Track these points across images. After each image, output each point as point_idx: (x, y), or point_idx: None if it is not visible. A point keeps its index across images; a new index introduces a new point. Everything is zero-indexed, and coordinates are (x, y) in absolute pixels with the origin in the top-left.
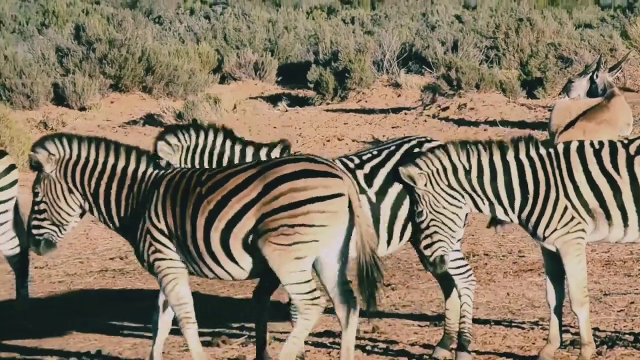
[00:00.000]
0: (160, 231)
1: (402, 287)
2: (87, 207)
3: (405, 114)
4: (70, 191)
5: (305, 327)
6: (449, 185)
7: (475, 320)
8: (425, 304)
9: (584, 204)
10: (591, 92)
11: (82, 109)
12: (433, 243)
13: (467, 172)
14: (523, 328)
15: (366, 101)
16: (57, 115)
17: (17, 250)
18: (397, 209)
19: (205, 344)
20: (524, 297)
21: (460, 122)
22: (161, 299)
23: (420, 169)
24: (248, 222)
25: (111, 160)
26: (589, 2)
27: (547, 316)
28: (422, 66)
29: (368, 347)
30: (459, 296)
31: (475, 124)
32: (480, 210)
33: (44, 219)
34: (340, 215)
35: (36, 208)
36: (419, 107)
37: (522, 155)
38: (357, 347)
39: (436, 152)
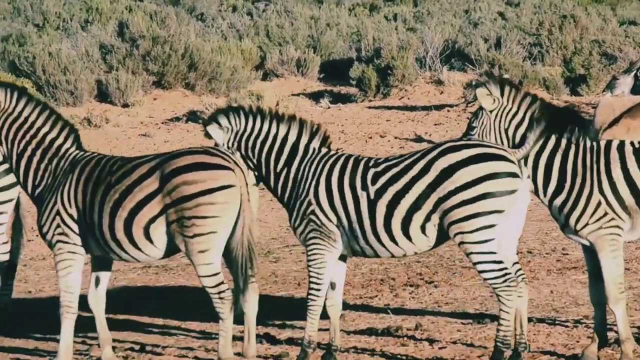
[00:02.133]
0: (70, 215)
1: (445, 285)
2: (8, 162)
3: (448, 111)
4: (0, 143)
5: (224, 328)
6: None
7: None
8: (468, 301)
9: (620, 201)
10: (635, 89)
11: (125, 105)
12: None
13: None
14: (567, 326)
15: (408, 98)
16: (100, 111)
17: (6, 257)
18: (393, 207)
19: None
20: (567, 295)
21: None
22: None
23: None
24: (150, 212)
25: (45, 129)
26: None
27: (590, 314)
28: (465, 63)
29: (411, 345)
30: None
31: None
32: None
33: None
34: (232, 206)
35: None
36: (461, 104)
37: (572, 140)
38: (400, 344)
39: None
